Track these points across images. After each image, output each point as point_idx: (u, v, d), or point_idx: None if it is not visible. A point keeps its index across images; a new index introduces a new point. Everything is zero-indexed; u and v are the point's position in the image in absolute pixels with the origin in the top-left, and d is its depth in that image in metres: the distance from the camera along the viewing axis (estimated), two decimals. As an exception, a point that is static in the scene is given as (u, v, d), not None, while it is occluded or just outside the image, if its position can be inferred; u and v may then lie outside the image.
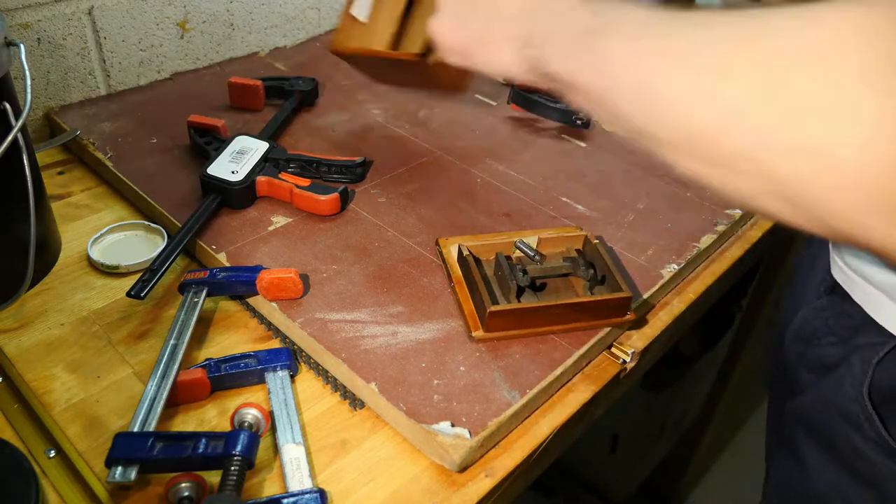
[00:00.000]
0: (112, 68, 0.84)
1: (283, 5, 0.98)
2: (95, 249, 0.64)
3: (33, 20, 0.75)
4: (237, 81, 0.82)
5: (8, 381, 0.52)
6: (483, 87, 0.92)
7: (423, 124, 0.83)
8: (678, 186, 0.75)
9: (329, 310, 0.56)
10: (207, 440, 0.45)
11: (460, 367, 0.52)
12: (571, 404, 0.53)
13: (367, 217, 0.67)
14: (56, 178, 0.74)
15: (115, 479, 0.43)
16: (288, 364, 0.52)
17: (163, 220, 0.66)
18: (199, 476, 0.44)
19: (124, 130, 0.77)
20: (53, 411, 0.50)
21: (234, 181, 0.66)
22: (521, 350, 0.54)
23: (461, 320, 0.56)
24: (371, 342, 0.54)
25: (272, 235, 0.64)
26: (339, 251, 0.62)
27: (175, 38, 0.88)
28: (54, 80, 0.80)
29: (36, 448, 0.47)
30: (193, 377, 0.50)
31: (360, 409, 0.52)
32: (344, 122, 0.83)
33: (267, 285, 0.56)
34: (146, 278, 0.57)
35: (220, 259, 0.61)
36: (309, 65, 0.95)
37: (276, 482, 0.46)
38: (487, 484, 0.47)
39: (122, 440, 0.45)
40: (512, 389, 0.51)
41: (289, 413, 0.49)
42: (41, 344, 0.55)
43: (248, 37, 0.96)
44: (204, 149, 0.72)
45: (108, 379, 0.52)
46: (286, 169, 0.70)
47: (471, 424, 0.48)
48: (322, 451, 0.48)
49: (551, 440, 0.51)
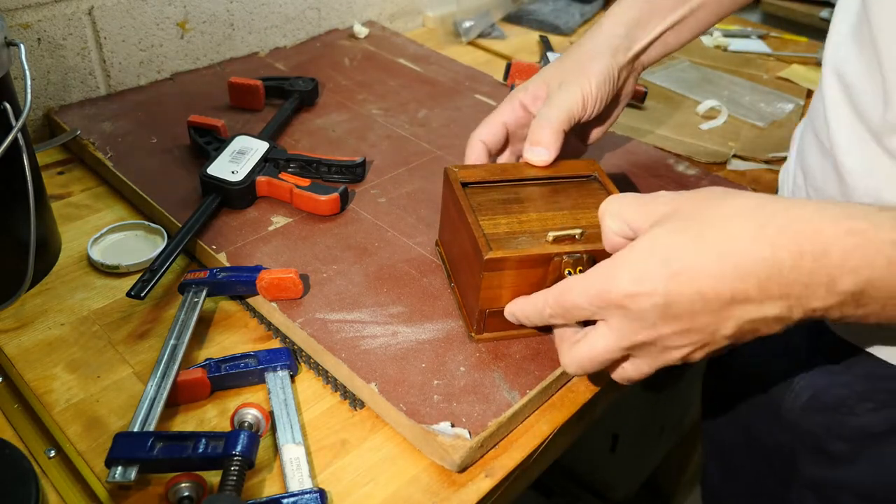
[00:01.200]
0: (112, 68, 0.84)
1: (283, 5, 0.98)
2: (95, 249, 0.64)
3: (33, 20, 0.75)
4: (237, 81, 0.82)
5: (8, 381, 0.52)
6: (483, 87, 0.92)
7: (423, 124, 0.83)
8: (677, 186, 0.74)
9: (329, 310, 0.56)
10: (207, 440, 0.45)
11: (460, 367, 0.52)
12: (571, 404, 0.53)
13: (367, 217, 0.67)
14: (56, 178, 0.74)
15: (115, 479, 0.43)
16: (288, 364, 0.52)
17: (163, 220, 0.66)
18: (199, 476, 0.44)
19: (124, 130, 0.77)
20: (53, 411, 0.50)
21: (234, 181, 0.66)
22: (521, 350, 0.54)
23: (461, 320, 0.56)
24: (371, 342, 0.54)
25: (272, 235, 0.64)
26: (339, 251, 0.62)
27: (175, 38, 0.88)
28: (54, 80, 0.80)
29: (36, 448, 0.47)
30: (193, 377, 0.50)
31: (360, 409, 0.52)
32: (344, 122, 0.83)
33: (267, 285, 0.56)
34: (146, 278, 0.57)
35: (220, 259, 0.61)
36: (309, 65, 0.95)
37: (276, 482, 0.46)
38: (487, 484, 0.47)
39: (122, 440, 0.45)
40: (512, 389, 0.51)
41: (289, 413, 0.49)
42: (41, 344, 0.55)
43: (248, 37, 0.96)
44: (204, 149, 0.72)
45: (108, 379, 0.52)
46: (286, 169, 0.70)
47: (471, 425, 0.48)
48: (322, 451, 0.48)
49: (551, 440, 0.51)
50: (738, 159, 0.84)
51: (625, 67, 0.60)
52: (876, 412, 0.50)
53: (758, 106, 0.97)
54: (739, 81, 1.04)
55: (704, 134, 0.89)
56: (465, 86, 0.93)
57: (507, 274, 0.50)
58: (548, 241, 0.51)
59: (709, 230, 0.38)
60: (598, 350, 0.43)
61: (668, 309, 0.39)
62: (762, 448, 0.63)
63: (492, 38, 1.16)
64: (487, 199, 0.55)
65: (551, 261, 0.50)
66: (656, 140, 0.86)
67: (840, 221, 0.36)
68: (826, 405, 0.54)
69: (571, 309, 0.43)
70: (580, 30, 1.21)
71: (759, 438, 0.63)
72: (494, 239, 0.51)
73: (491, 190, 0.56)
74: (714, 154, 0.84)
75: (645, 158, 0.80)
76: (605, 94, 0.58)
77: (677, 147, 0.85)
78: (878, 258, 0.35)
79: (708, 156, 0.84)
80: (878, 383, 0.50)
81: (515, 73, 0.93)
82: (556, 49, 1.08)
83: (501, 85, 0.94)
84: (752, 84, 1.03)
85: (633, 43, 0.60)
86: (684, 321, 0.39)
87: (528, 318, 0.49)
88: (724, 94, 0.99)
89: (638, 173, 0.77)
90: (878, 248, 0.35)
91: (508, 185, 0.57)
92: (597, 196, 0.56)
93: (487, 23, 1.17)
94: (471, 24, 1.14)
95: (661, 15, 0.60)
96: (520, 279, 0.51)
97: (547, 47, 1.08)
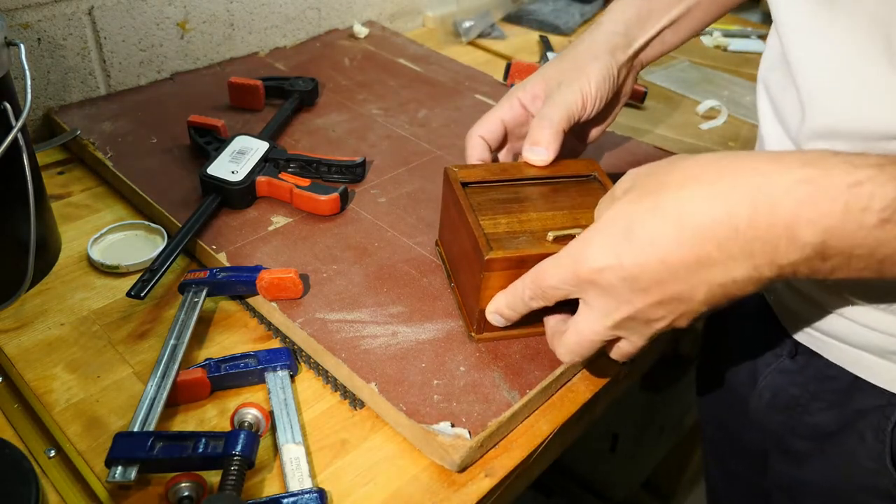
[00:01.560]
0: (112, 68, 0.84)
1: (283, 5, 0.98)
2: (95, 249, 0.64)
3: (33, 20, 0.75)
4: (237, 81, 0.82)
5: (8, 381, 0.52)
6: (483, 87, 0.92)
7: (423, 124, 0.83)
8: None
9: (329, 310, 0.56)
10: (207, 440, 0.45)
11: (460, 367, 0.52)
12: (571, 404, 0.53)
13: (367, 217, 0.67)
14: (56, 178, 0.74)
15: (115, 479, 0.43)
16: (288, 364, 0.52)
17: (163, 220, 0.66)
18: (199, 476, 0.44)
19: (124, 130, 0.77)
20: (53, 411, 0.50)
21: (234, 181, 0.66)
22: (521, 350, 0.54)
23: (461, 320, 0.56)
24: (371, 342, 0.54)
25: (272, 235, 0.64)
26: (339, 251, 0.62)
27: (175, 38, 0.88)
28: (54, 80, 0.80)
29: (36, 448, 0.47)
30: (193, 377, 0.50)
31: (360, 409, 0.52)
32: (344, 122, 0.83)
33: (267, 285, 0.56)
34: (146, 278, 0.57)
35: (220, 259, 0.61)
36: (309, 65, 0.95)
37: (276, 482, 0.46)
38: (487, 484, 0.47)
39: (122, 440, 0.45)
40: (512, 389, 0.51)
41: (289, 413, 0.49)
42: (41, 344, 0.55)
43: (248, 37, 0.96)
44: (204, 149, 0.72)
45: (108, 379, 0.52)
46: (286, 169, 0.70)
47: (471, 424, 0.48)
48: (322, 450, 0.48)
49: (551, 440, 0.51)
50: (738, 159, 0.84)
51: (624, 66, 0.60)
52: (827, 411, 0.51)
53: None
54: (739, 81, 1.04)
55: (704, 134, 0.89)
56: (464, 86, 0.93)
57: (508, 274, 0.50)
58: (548, 240, 0.51)
59: (665, 197, 0.38)
60: (585, 333, 0.44)
61: (636, 282, 0.39)
62: (743, 449, 0.64)
63: (492, 38, 1.16)
64: (487, 198, 0.55)
65: None
66: (656, 140, 0.86)
67: (792, 170, 0.35)
68: (786, 404, 0.55)
69: (548, 290, 0.44)
70: (580, 30, 1.21)
71: (740, 439, 0.63)
72: (495, 239, 0.51)
73: (491, 190, 0.56)
74: (714, 154, 0.84)
75: (645, 158, 0.80)
76: (605, 94, 0.58)
77: (677, 147, 0.85)
78: (833, 205, 0.33)
79: (708, 156, 0.84)
80: (825, 383, 0.51)
81: (515, 73, 0.93)
82: (556, 49, 1.08)
83: (501, 85, 0.94)
84: (752, 84, 1.03)
85: (632, 41, 0.60)
86: (655, 293, 0.39)
87: (511, 308, 0.49)
88: (724, 94, 0.99)
89: (638, 173, 0.77)
90: (832, 195, 0.33)
91: (508, 184, 0.57)
92: (597, 196, 0.56)
93: (487, 23, 1.17)
94: (471, 24, 1.14)
95: (659, 13, 0.60)
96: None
97: (547, 47, 1.08)
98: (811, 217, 0.34)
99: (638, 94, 0.93)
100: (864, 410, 0.48)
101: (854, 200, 0.33)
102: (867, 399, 0.48)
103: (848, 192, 0.33)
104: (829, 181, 0.34)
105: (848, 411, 0.50)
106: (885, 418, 0.47)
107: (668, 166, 0.40)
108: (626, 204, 0.40)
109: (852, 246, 0.34)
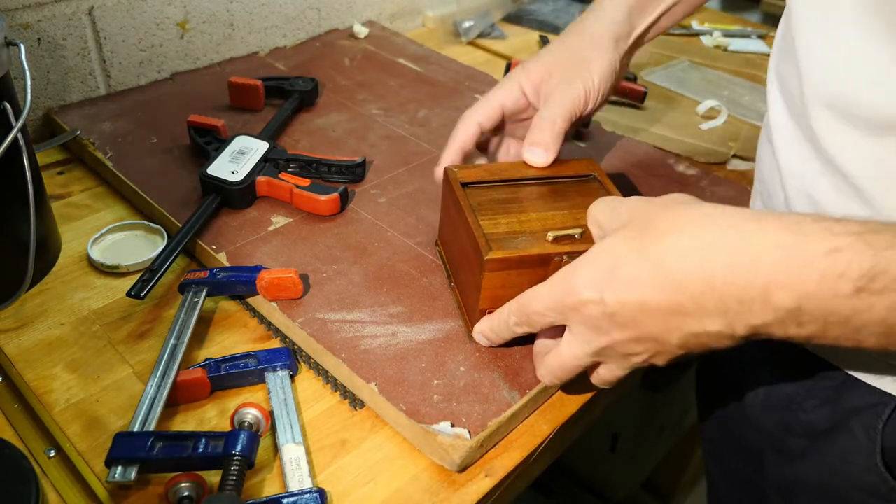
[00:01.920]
0: (112, 68, 0.84)
1: (283, 5, 0.98)
2: (95, 249, 0.64)
3: (33, 20, 0.75)
4: (237, 81, 0.82)
5: (8, 381, 0.52)
6: (483, 87, 0.92)
7: (423, 124, 0.83)
8: (677, 186, 0.74)
9: (329, 310, 0.56)
10: (207, 440, 0.45)
11: (460, 367, 0.52)
12: (571, 404, 0.53)
13: (367, 217, 0.67)
14: (56, 178, 0.74)
15: (115, 479, 0.43)
16: (288, 364, 0.52)
17: (163, 220, 0.66)
18: (199, 476, 0.44)
19: (124, 130, 0.77)
20: (53, 411, 0.50)
21: (234, 181, 0.66)
22: (521, 350, 0.54)
23: (461, 320, 0.56)
24: (371, 342, 0.54)
25: (272, 235, 0.64)
26: (339, 251, 0.63)
27: (175, 38, 0.88)
28: (54, 80, 0.80)
29: (36, 448, 0.47)
30: (193, 377, 0.50)
31: (360, 409, 0.52)
32: (344, 122, 0.83)
33: (267, 285, 0.56)
34: (146, 278, 0.57)
35: (220, 259, 0.61)
36: (309, 65, 0.95)
37: (276, 482, 0.46)
38: (487, 484, 0.47)
39: (122, 440, 0.45)
40: (512, 389, 0.51)
41: (289, 413, 0.49)
42: (41, 344, 0.55)
43: (248, 37, 0.96)
44: (204, 149, 0.72)
45: (108, 379, 0.52)
46: (286, 169, 0.70)
47: (470, 424, 0.48)
48: (322, 450, 0.49)
49: (551, 440, 0.51)
50: (738, 159, 0.84)
51: (626, 55, 0.61)
52: (820, 409, 0.51)
53: (758, 106, 0.97)
54: (739, 81, 1.04)
55: (704, 134, 0.89)
56: (464, 86, 0.93)
57: (508, 274, 0.50)
58: (548, 240, 0.51)
59: (651, 241, 0.39)
60: (566, 358, 0.45)
61: (615, 317, 0.40)
62: (741, 448, 0.64)
63: (492, 38, 1.16)
64: (487, 198, 0.55)
65: (551, 261, 0.50)
66: (656, 140, 0.86)
67: (769, 233, 0.35)
68: (781, 402, 0.55)
69: (533, 315, 0.45)
70: (580, 30, 1.21)
71: (739, 438, 0.63)
72: (494, 239, 0.51)
73: (491, 190, 0.56)
74: (714, 154, 0.84)
75: (645, 158, 0.80)
76: (607, 88, 0.59)
77: (677, 147, 0.85)
78: (808, 272, 0.33)
79: (708, 156, 0.84)
80: (819, 381, 0.51)
81: (515, 73, 0.93)
82: (556, 49, 1.08)
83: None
84: (752, 84, 1.03)
85: (633, 28, 0.61)
86: (632, 329, 0.40)
87: (496, 333, 0.51)
88: (724, 94, 0.99)
89: (638, 173, 0.77)
90: (807, 262, 0.34)
91: (508, 184, 0.57)
92: (596, 196, 0.56)
93: (487, 23, 1.17)
94: (471, 24, 1.14)
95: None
96: (520, 279, 0.51)
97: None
98: (785, 282, 0.34)
99: (638, 94, 0.93)
100: (856, 408, 0.48)
101: (830, 268, 0.33)
102: (859, 397, 0.48)
103: (825, 260, 0.33)
104: (806, 247, 0.34)
105: (840, 409, 0.50)
106: (876, 417, 0.47)
107: (662, 209, 0.41)
108: (616, 240, 0.41)
109: (826, 314, 0.34)
